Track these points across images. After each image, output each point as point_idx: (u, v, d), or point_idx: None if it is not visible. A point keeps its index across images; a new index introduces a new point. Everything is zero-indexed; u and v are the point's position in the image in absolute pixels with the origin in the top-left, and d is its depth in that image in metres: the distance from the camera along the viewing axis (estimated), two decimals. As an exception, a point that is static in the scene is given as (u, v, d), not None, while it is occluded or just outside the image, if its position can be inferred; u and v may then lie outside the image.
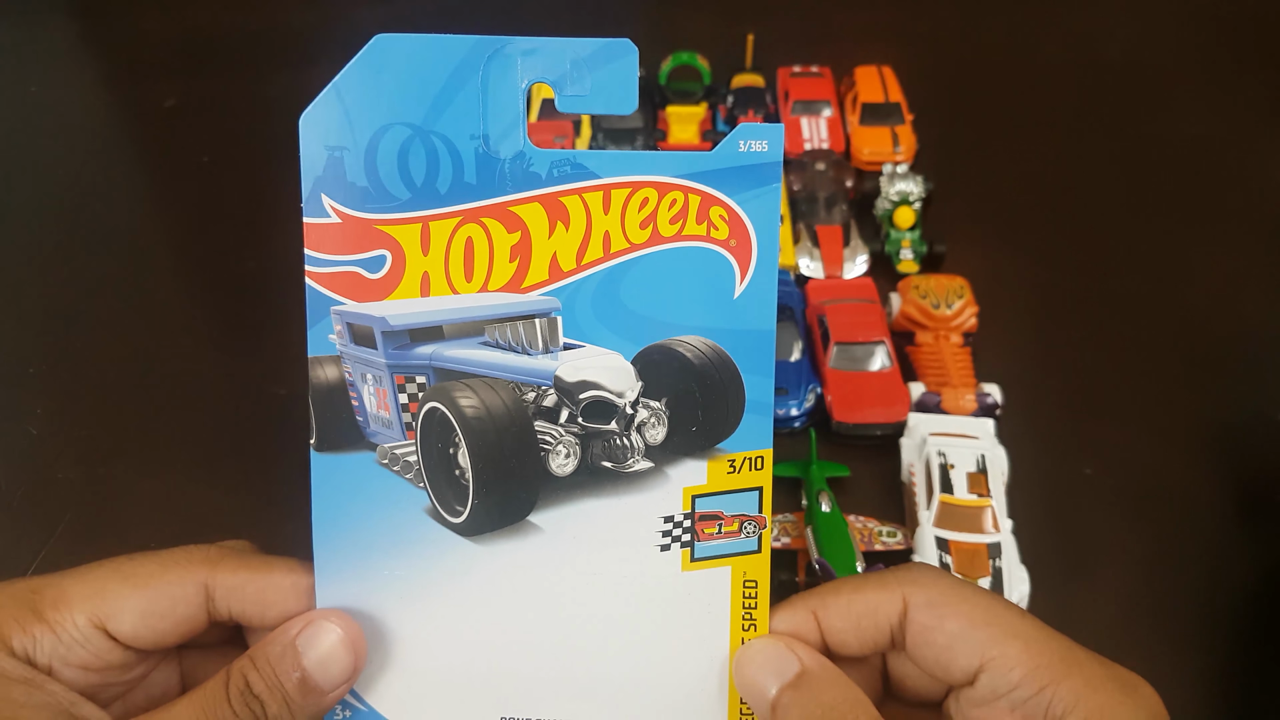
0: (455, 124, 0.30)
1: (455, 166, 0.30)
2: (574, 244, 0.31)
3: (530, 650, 0.32)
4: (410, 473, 0.32)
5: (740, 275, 0.31)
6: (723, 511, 0.32)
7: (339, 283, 0.31)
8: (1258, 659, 0.49)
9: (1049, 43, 0.90)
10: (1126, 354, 0.64)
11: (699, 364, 0.31)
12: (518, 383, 0.33)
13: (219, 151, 0.81)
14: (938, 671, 0.30)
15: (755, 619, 0.32)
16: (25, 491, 0.58)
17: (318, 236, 0.30)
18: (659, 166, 0.31)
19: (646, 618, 0.32)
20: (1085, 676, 0.28)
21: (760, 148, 0.30)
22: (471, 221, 0.30)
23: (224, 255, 0.73)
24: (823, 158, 0.74)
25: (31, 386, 0.64)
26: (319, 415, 0.33)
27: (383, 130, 0.30)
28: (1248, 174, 0.77)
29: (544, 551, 0.32)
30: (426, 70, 0.30)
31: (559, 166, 0.30)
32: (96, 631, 0.30)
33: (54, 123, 0.85)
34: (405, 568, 0.31)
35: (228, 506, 0.56)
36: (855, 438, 0.59)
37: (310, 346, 0.31)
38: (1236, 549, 0.54)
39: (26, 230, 0.75)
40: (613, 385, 0.32)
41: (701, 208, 0.31)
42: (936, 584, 0.30)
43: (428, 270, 0.30)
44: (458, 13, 0.92)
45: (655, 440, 0.32)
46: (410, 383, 0.35)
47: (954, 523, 0.51)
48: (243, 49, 0.91)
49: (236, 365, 0.65)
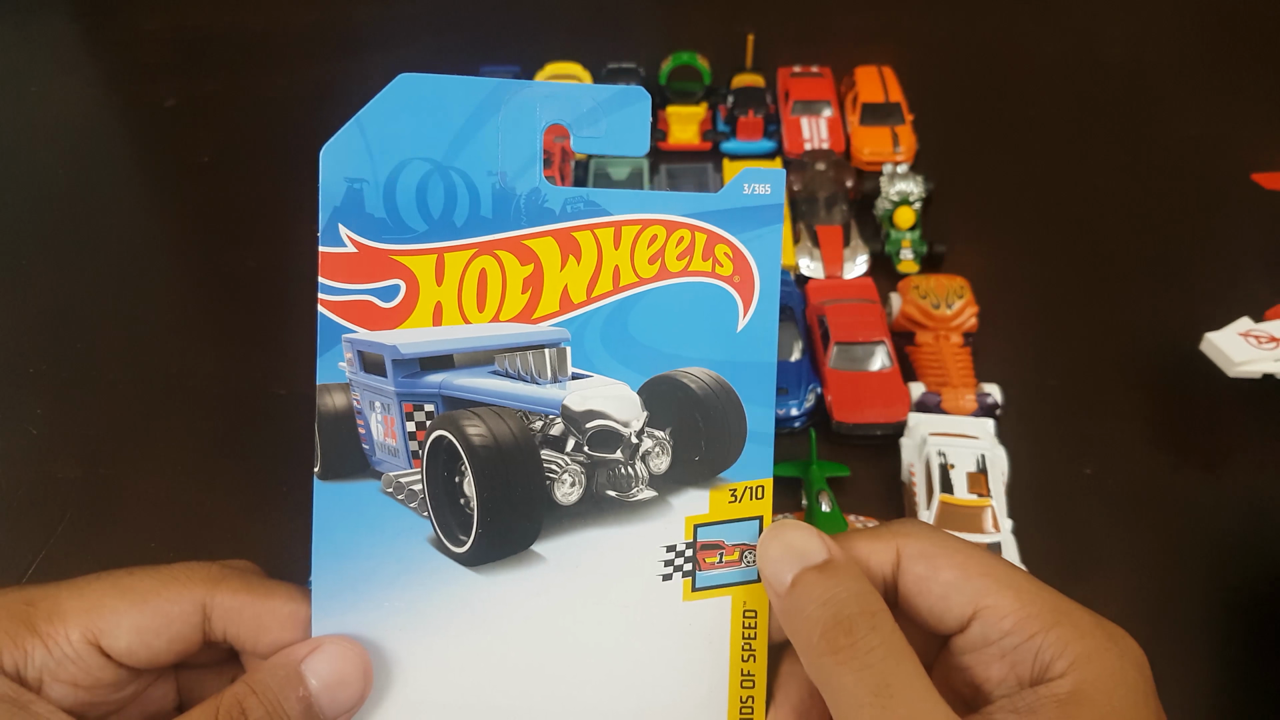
0: (474, 161, 0.31)
1: (472, 201, 0.31)
2: (585, 277, 0.31)
3: (530, 683, 0.32)
4: (414, 501, 0.32)
5: (743, 309, 0.32)
6: (724, 541, 0.32)
7: (351, 311, 0.31)
8: (1258, 659, 0.49)
9: (1049, 43, 0.90)
10: (1126, 354, 0.64)
11: (703, 395, 0.32)
12: (525, 411, 0.34)
13: (219, 151, 0.81)
14: (931, 620, 0.31)
15: (755, 649, 0.32)
16: (25, 491, 0.58)
17: (333, 265, 0.31)
18: (668, 206, 0.32)
19: (647, 648, 0.32)
20: (1074, 625, 0.29)
21: (763, 190, 0.32)
22: (486, 254, 0.31)
23: (224, 255, 0.73)
24: (823, 158, 0.74)
25: (31, 386, 0.64)
26: (325, 443, 0.32)
27: (403, 164, 0.30)
28: (1248, 174, 0.77)
29: (546, 581, 0.32)
30: (448, 109, 0.30)
31: (572, 203, 0.31)
32: (90, 648, 0.30)
33: (54, 123, 0.85)
34: (406, 598, 0.31)
35: (228, 506, 0.56)
36: (855, 438, 0.59)
37: (319, 374, 0.31)
38: (1236, 549, 0.54)
39: (26, 230, 0.75)
40: (619, 415, 0.33)
41: (707, 245, 0.32)
42: (930, 536, 0.31)
43: (440, 300, 0.31)
44: (457, 12, 0.92)
45: (659, 469, 0.33)
46: (419, 411, 0.35)
47: (954, 523, 0.51)
48: (243, 49, 0.91)
49: (236, 365, 0.64)
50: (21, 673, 0.29)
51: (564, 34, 0.89)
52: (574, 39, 0.87)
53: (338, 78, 0.84)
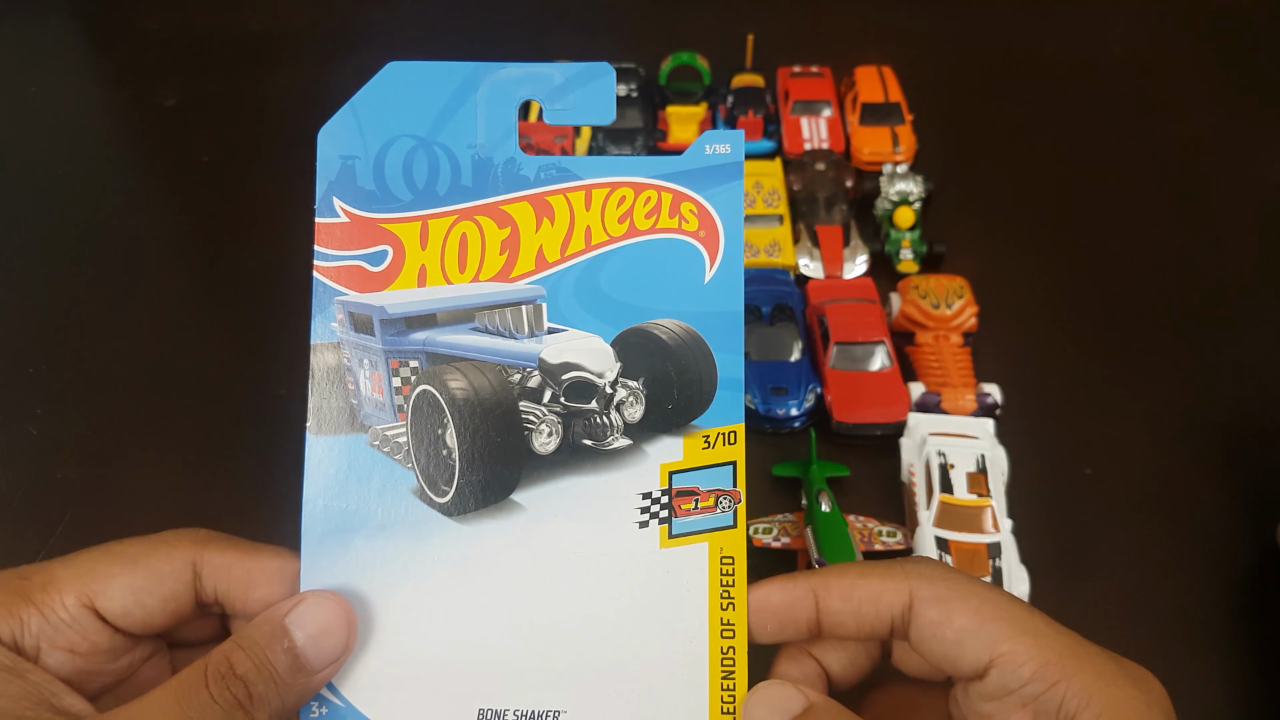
0: (455, 136, 0.34)
1: (454, 171, 0.34)
2: (559, 237, 0.34)
3: (510, 634, 0.32)
4: (400, 453, 0.34)
5: (710, 262, 0.34)
6: (699, 487, 0.33)
7: (343, 275, 0.33)
8: (1258, 658, 0.49)
9: (1049, 43, 0.90)
10: (1127, 354, 0.64)
11: (674, 345, 0.34)
12: (504, 365, 0.35)
13: (219, 151, 0.81)
14: (945, 665, 0.30)
15: (733, 596, 0.33)
16: (25, 491, 0.58)
17: (327, 234, 0.33)
18: (635, 169, 0.34)
19: (625, 595, 0.33)
20: (1096, 671, 0.28)
21: (724, 150, 0.34)
22: (466, 219, 0.34)
23: (224, 255, 0.73)
24: (823, 158, 0.74)
25: (31, 386, 0.64)
26: (317, 399, 0.34)
27: (391, 141, 0.33)
28: (1248, 174, 0.77)
29: (526, 530, 0.33)
30: (431, 91, 0.33)
31: (546, 170, 0.34)
32: (85, 611, 0.30)
33: (54, 122, 0.85)
34: (390, 550, 0.33)
35: (228, 506, 0.56)
36: (855, 438, 0.59)
37: (313, 334, 0.34)
38: (1236, 548, 0.54)
39: (26, 230, 0.75)
40: (593, 366, 0.34)
41: (673, 204, 0.34)
42: (945, 578, 0.30)
43: (425, 263, 0.33)
44: (457, 13, 0.92)
45: (634, 418, 0.34)
46: (404, 367, 0.37)
47: (954, 523, 0.51)
48: (243, 49, 0.91)
49: (236, 365, 0.64)
50: (19, 642, 0.29)
51: (564, 34, 0.89)
52: (574, 39, 0.87)
53: (337, 78, 0.83)
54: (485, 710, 0.32)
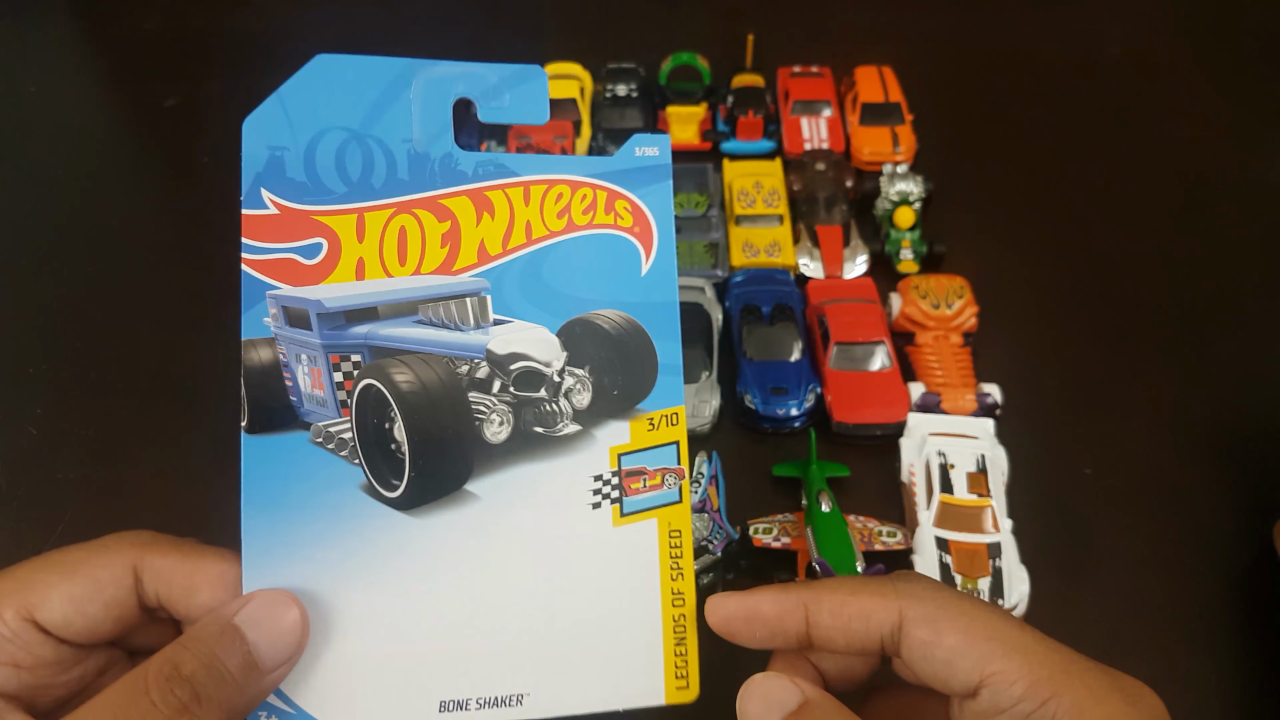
0: (389, 129, 0.33)
1: (389, 164, 0.33)
2: (499, 231, 0.34)
3: (469, 624, 0.33)
4: (345, 450, 0.33)
5: (645, 256, 0.35)
6: (646, 467, 0.35)
7: (275, 269, 0.33)
8: (1258, 658, 0.49)
9: (1049, 43, 0.90)
10: (1126, 354, 0.64)
11: (616, 334, 0.35)
12: (451, 357, 0.35)
13: (219, 151, 0.81)
14: (936, 685, 0.30)
15: (682, 568, 0.34)
16: (25, 491, 0.58)
17: (255, 226, 0.33)
18: (571, 167, 0.35)
19: (581, 574, 0.33)
20: (1088, 687, 0.28)
21: (652, 153, 0.35)
22: (404, 212, 0.33)
23: (224, 255, 0.73)
24: (823, 158, 0.74)
25: (31, 386, 0.64)
26: (251, 396, 0.34)
27: (322, 133, 0.33)
28: (1248, 174, 0.77)
29: (481, 519, 0.33)
30: (363, 85, 0.33)
31: (483, 166, 0.34)
32: (26, 624, 0.29)
33: (54, 123, 0.85)
34: (341, 548, 0.32)
35: (228, 506, 0.56)
36: (855, 438, 0.59)
37: (244, 330, 0.33)
38: (1237, 548, 0.54)
39: (26, 230, 0.75)
40: (541, 356, 0.35)
41: (608, 201, 0.35)
42: (934, 597, 0.30)
43: (363, 256, 0.33)
44: (457, 13, 0.92)
45: (581, 405, 0.35)
46: (345, 361, 0.37)
47: (954, 523, 0.51)
48: (243, 49, 0.91)
49: (236, 365, 0.64)
50: None
51: (564, 34, 0.89)
52: (574, 39, 0.87)
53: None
54: (447, 702, 0.32)
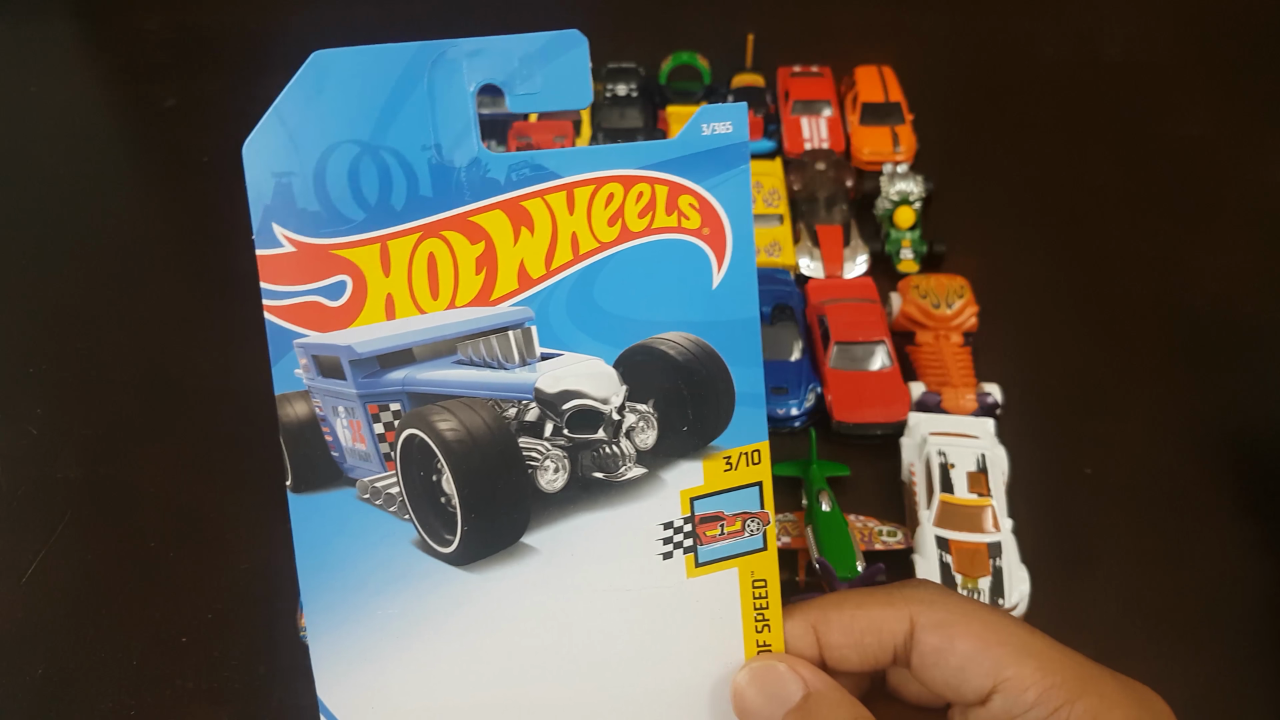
0: (405, 136, 0.28)
1: (409, 181, 0.29)
2: (541, 249, 0.29)
3: (533, 681, 0.31)
4: (393, 505, 0.31)
5: (717, 264, 0.30)
6: (723, 511, 0.31)
7: (299, 314, 0.29)
8: (1259, 658, 0.49)
9: (1049, 43, 0.90)
10: (1126, 354, 0.64)
11: (683, 361, 0.30)
12: (497, 399, 0.32)
13: (219, 151, 0.81)
14: (947, 692, 0.30)
15: (768, 618, 0.31)
16: (25, 491, 0.58)
17: (272, 267, 0.29)
18: (621, 159, 0.29)
19: (654, 632, 0.31)
20: (1100, 694, 0.28)
21: (724, 129, 0.29)
22: (432, 236, 0.29)
23: (224, 255, 0.73)
24: (823, 158, 0.74)
25: (31, 386, 0.64)
26: (292, 454, 0.31)
27: (330, 150, 0.28)
28: (1248, 174, 0.77)
29: (541, 574, 0.30)
30: (369, 84, 0.28)
31: (517, 170, 0.29)
32: None
33: (54, 122, 0.85)
34: (398, 604, 0.30)
35: (228, 506, 0.56)
36: (855, 437, 0.59)
37: (276, 384, 0.30)
38: (1237, 548, 0.54)
39: (27, 230, 0.75)
40: (596, 392, 0.31)
41: (670, 198, 0.30)
42: (945, 603, 0.30)
43: (391, 292, 0.29)
44: (458, 13, 0.92)
45: (646, 445, 0.31)
46: (385, 411, 0.34)
47: (954, 522, 0.51)
48: (243, 49, 0.91)
49: (237, 365, 0.64)
50: None
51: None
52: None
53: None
54: None
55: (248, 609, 0.51)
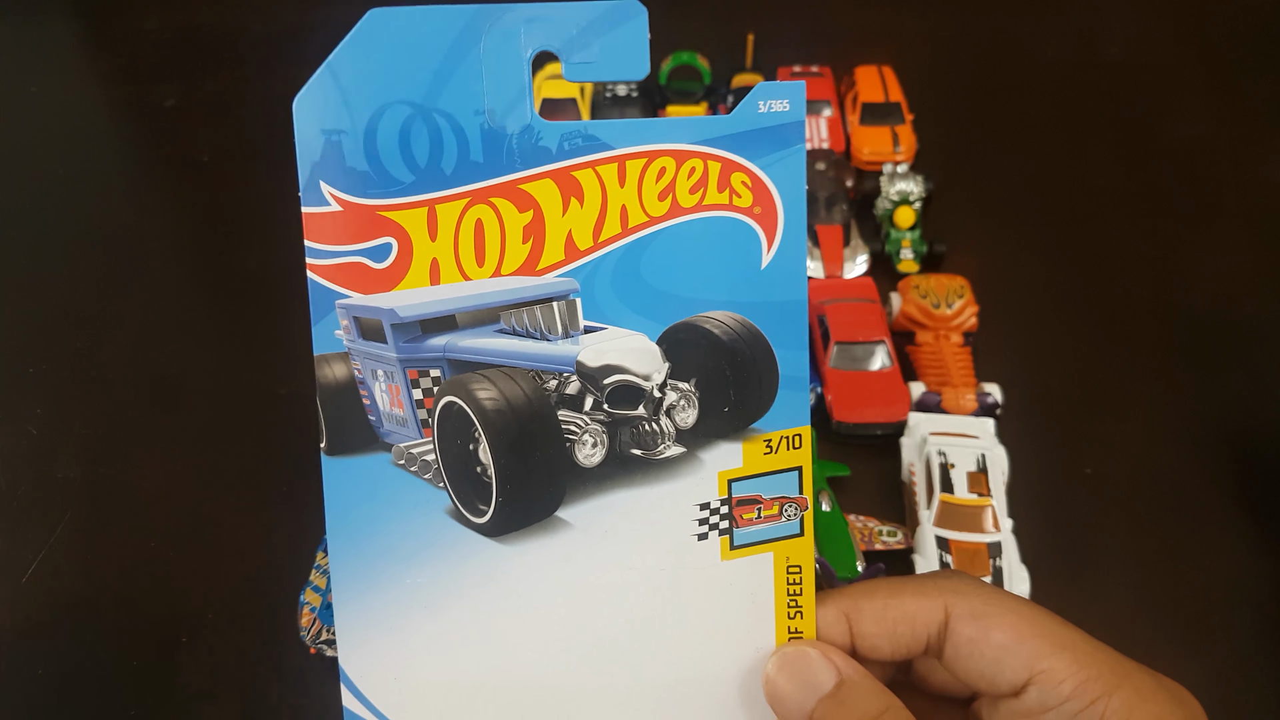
0: (457, 100, 0.28)
1: (460, 145, 0.28)
2: (590, 220, 0.29)
3: (563, 656, 0.30)
4: (429, 472, 0.31)
5: (767, 244, 0.30)
6: (761, 495, 0.31)
7: (343, 274, 0.29)
8: (1259, 657, 0.49)
9: (1049, 43, 0.90)
10: (1126, 354, 0.64)
11: (728, 340, 0.30)
12: (538, 371, 0.32)
13: (219, 151, 0.81)
14: (980, 683, 0.30)
15: (801, 605, 0.31)
16: (25, 491, 0.58)
17: (318, 226, 0.28)
18: (675, 133, 0.29)
19: (686, 612, 0.31)
20: (1135, 688, 0.28)
21: (781, 107, 0.29)
22: (480, 202, 0.29)
23: (224, 255, 0.73)
24: (823, 158, 0.74)
25: (31, 386, 0.64)
26: (329, 417, 0.31)
27: (382, 110, 0.28)
28: (1248, 174, 0.77)
29: (574, 548, 0.30)
30: (424, 44, 0.28)
31: (569, 139, 0.29)
32: None
33: (54, 123, 0.85)
34: (428, 574, 0.30)
35: (228, 506, 0.56)
36: (855, 437, 0.59)
37: (315, 344, 0.29)
38: (1237, 547, 0.54)
39: (27, 230, 0.75)
40: (638, 368, 0.31)
41: (722, 174, 0.29)
42: (980, 594, 0.30)
43: (436, 256, 0.29)
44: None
45: (686, 424, 0.31)
46: (424, 377, 0.34)
47: (954, 522, 0.51)
48: (243, 49, 0.91)
49: (237, 365, 0.64)
50: None
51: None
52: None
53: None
54: None
55: (248, 609, 0.51)
